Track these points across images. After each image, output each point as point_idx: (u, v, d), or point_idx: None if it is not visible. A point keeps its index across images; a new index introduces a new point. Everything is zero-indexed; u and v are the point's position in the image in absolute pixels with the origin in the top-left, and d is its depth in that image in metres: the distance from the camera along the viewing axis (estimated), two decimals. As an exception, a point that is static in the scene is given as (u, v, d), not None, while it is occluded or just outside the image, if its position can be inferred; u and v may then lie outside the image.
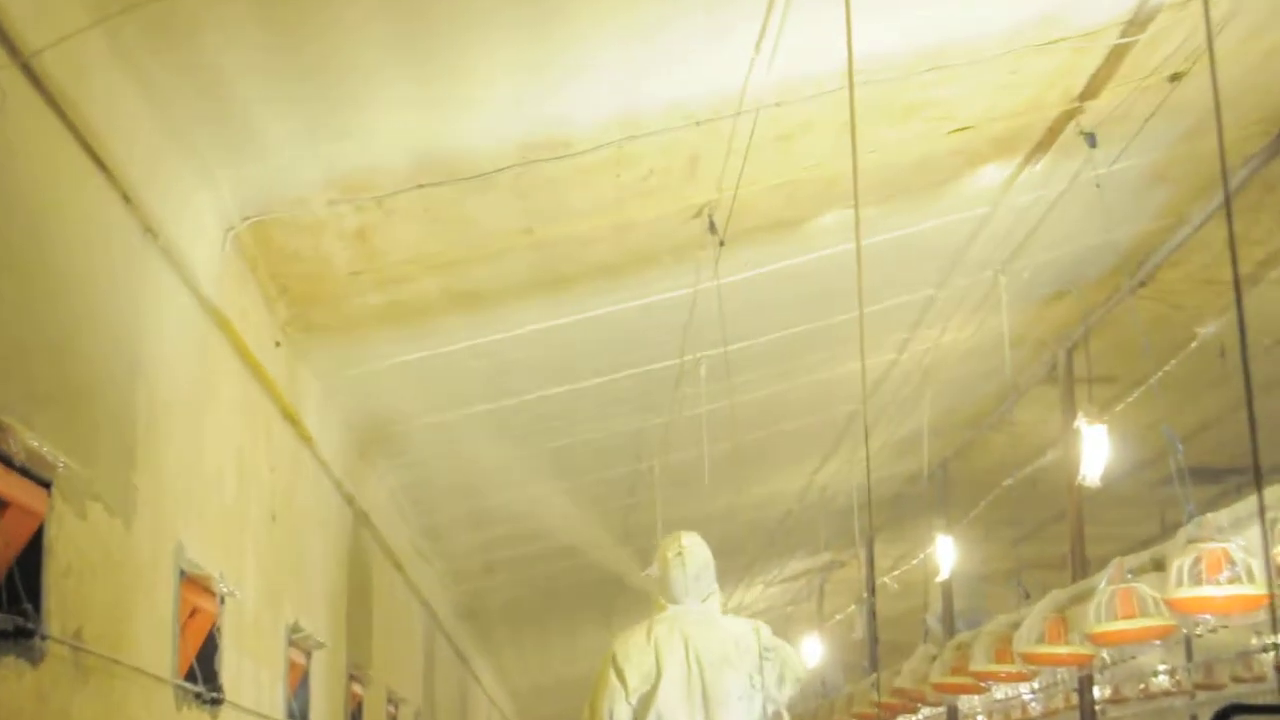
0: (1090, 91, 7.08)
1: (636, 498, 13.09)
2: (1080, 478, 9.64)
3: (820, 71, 6.10)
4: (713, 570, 7.14)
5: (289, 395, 7.55)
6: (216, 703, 6.08)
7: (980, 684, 12.43)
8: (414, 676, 13.43)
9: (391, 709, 11.69)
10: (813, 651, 18.67)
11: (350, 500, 9.55)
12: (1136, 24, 6.46)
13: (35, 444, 4.20)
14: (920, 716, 18.28)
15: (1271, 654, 16.28)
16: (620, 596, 17.53)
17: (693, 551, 7.09)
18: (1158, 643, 9.23)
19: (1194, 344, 10.42)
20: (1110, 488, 9.75)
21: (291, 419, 7.68)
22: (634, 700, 6.79)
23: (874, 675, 18.07)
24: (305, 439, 8.05)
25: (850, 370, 11.23)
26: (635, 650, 6.89)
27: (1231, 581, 7.81)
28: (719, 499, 12.48)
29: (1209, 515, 8.12)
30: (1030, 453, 13.39)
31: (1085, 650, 9.85)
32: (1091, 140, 7.49)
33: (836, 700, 19.10)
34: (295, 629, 7.80)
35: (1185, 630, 9.14)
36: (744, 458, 12.27)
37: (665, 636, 6.88)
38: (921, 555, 15.95)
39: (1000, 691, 21.28)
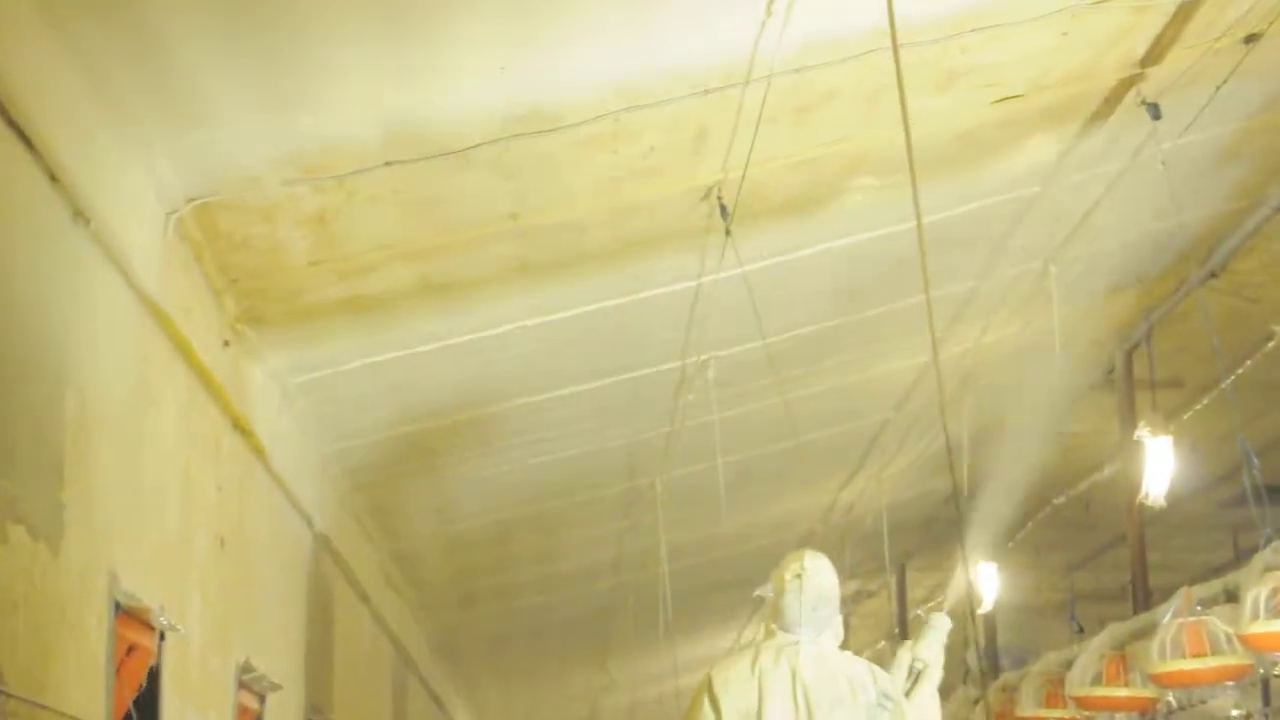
0: (1154, 55, 7.07)
1: (634, 519, 13.09)
2: (1142, 496, 9.64)
3: (844, 33, 6.10)
4: (836, 601, 7.07)
5: (239, 402, 7.53)
6: (156, 754, 6.08)
7: (1028, 731, 12.42)
8: (382, 723, 13.42)
9: (356, 760, 11.68)
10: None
11: (309, 522, 9.54)
12: (1206, -22, 6.47)
13: (-51, 458, 4.19)
14: (959, 769, 18.25)
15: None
16: (616, 632, 17.53)
17: (815, 575, 7.00)
18: (1230, 684, 9.23)
19: (1272, 343, 10.41)
20: (1176, 508, 9.76)
21: (242, 429, 7.67)
22: None
23: (906, 721, 18.05)
24: (258, 452, 8.04)
25: (879, 374, 11.23)
26: (736, 680, 6.87)
27: (1315, 614, 7.82)
28: (729, 520, 12.47)
29: (1289, 539, 8.12)
30: (1085, 468, 13.39)
31: (1147, 693, 9.86)
32: (1155, 111, 7.49)
33: (863, 750, 19.07)
34: (246, 669, 7.78)
35: (1262, 670, 9.14)
36: (757, 473, 12.28)
37: (771, 668, 6.89)
38: (961, 585, 15.92)
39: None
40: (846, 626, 7.30)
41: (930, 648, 7.44)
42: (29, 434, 4.92)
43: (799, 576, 6.97)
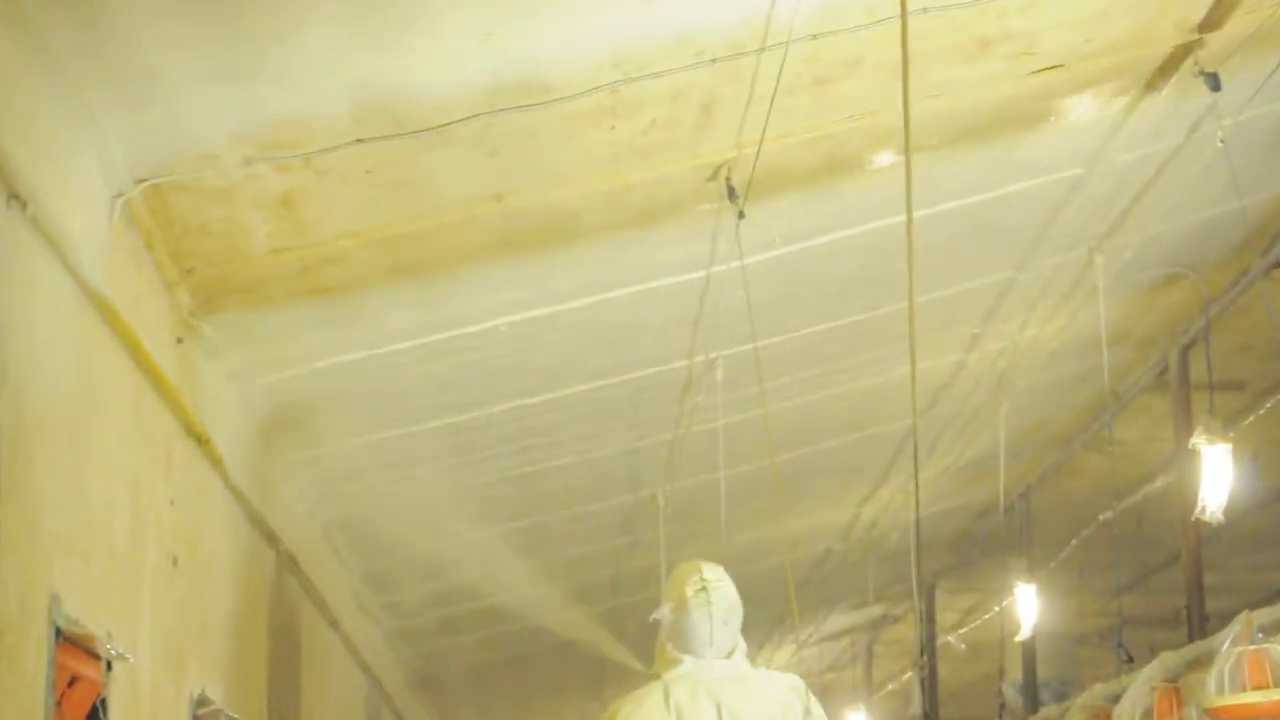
0: (1213, 20, 7.07)
1: (633, 535, 13.09)
2: (1198, 510, 9.62)
3: (867, -4, 6.11)
4: (741, 613, 6.90)
5: (194, 406, 7.53)
6: (102, 797, 6.07)
7: (1071, 772, 12.42)
8: (353, 762, 13.43)
9: (325, 803, 11.69)
10: (859, 731, 18.70)
11: (273, 540, 9.54)
12: (1271, -67, 6.47)
13: None
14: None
15: None
16: (614, 660, 17.53)
17: (719, 588, 6.82)
18: (1296, 720, 9.22)
19: (1343, 340, 10.41)
20: (1236, 524, 9.75)
21: (198, 437, 7.66)
22: None
23: (935, 761, 18.08)
24: (215, 462, 8.03)
25: (905, 375, 11.22)
26: None
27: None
28: (739, 536, 12.46)
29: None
30: (1134, 479, 13.39)
31: (1204, 729, 9.84)
32: (1214, 82, 7.47)
33: (888, 793, 19.15)
34: (202, 701, 7.78)
35: (1331, 705, 9.13)
36: (771, 484, 12.27)
37: (689, 702, 6.74)
38: (996, 609, 15.94)
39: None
40: (869, 654, 7.23)
41: None
42: (-40, 442, 4.91)
43: (704, 589, 6.76)
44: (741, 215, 7.44)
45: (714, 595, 6.78)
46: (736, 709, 6.62)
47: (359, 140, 6.17)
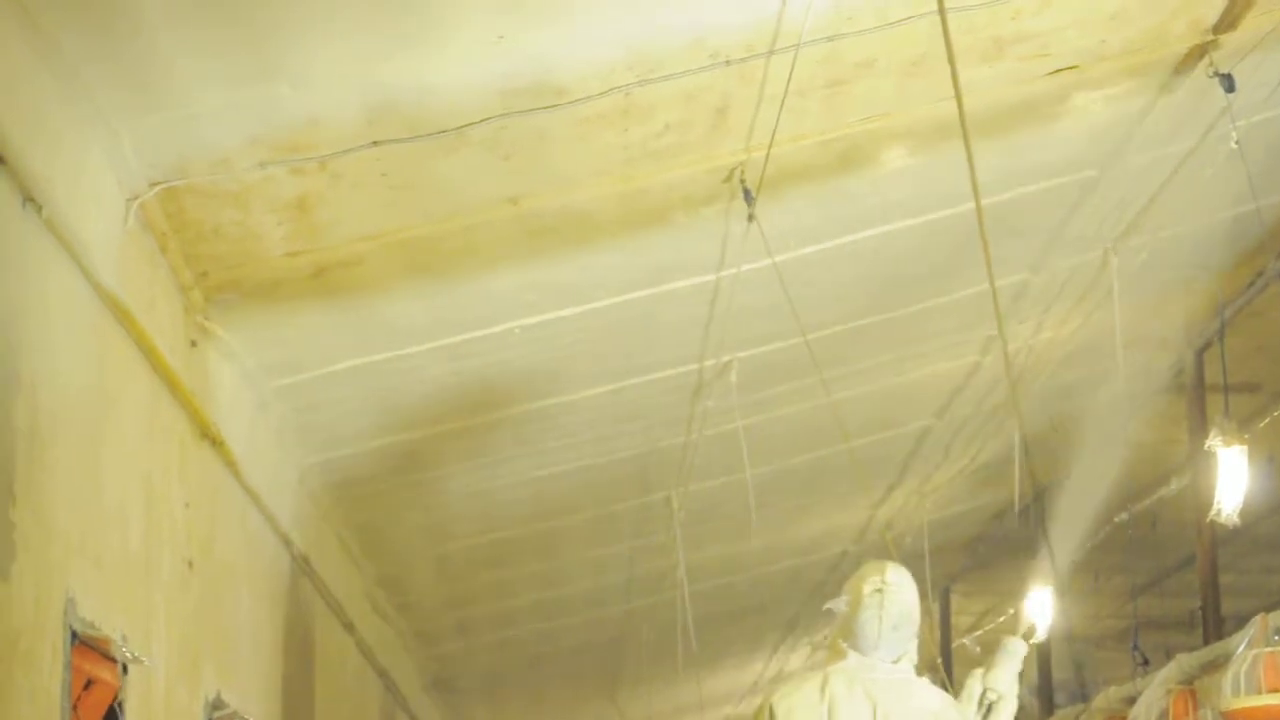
0: (1227, 21, 7.06)
1: (648, 538, 13.08)
2: (1213, 513, 9.61)
3: (881, -3, 6.11)
4: (916, 621, 6.90)
5: (209, 409, 7.53)
6: (117, 800, 6.07)
7: (1086, 775, 12.41)
8: (368, 765, 13.43)
9: (339, 806, 11.69)
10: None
11: (287, 542, 9.55)
12: (1286, -66, 6.46)
13: (-114, 472, 4.19)
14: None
15: None
16: (628, 663, 17.52)
17: (899, 591, 6.82)
18: (1313, 722, 9.21)
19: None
20: (1251, 526, 9.73)
21: (212, 439, 7.67)
22: None
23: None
24: (230, 464, 8.04)
25: (921, 378, 11.22)
26: (803, 708, 6.68)
27: None
28: (754, 539, 12.47)
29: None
30: (1150, 481, 13.36)
31: (1220, 732, 9.83)
32: (1228, 83, 7.46)
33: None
34: (218, 704, 7.78)
35: (1348, 707, 9.11)
36: (786, 487, 12.27)
37: (844, 695, 6.70)
38: (1011, 611, 15.92)
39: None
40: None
41: (1004, 676, 7.31)
42: (-25, 445, 4.92)
43: (880, 591, 6.79)
44: (751, 218, 7.43)
45: (889, 598, 6.79)
46: (891, 711, 6.67)
47: (374, 143, 6.17)
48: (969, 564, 17.12)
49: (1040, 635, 14.13)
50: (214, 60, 5.54)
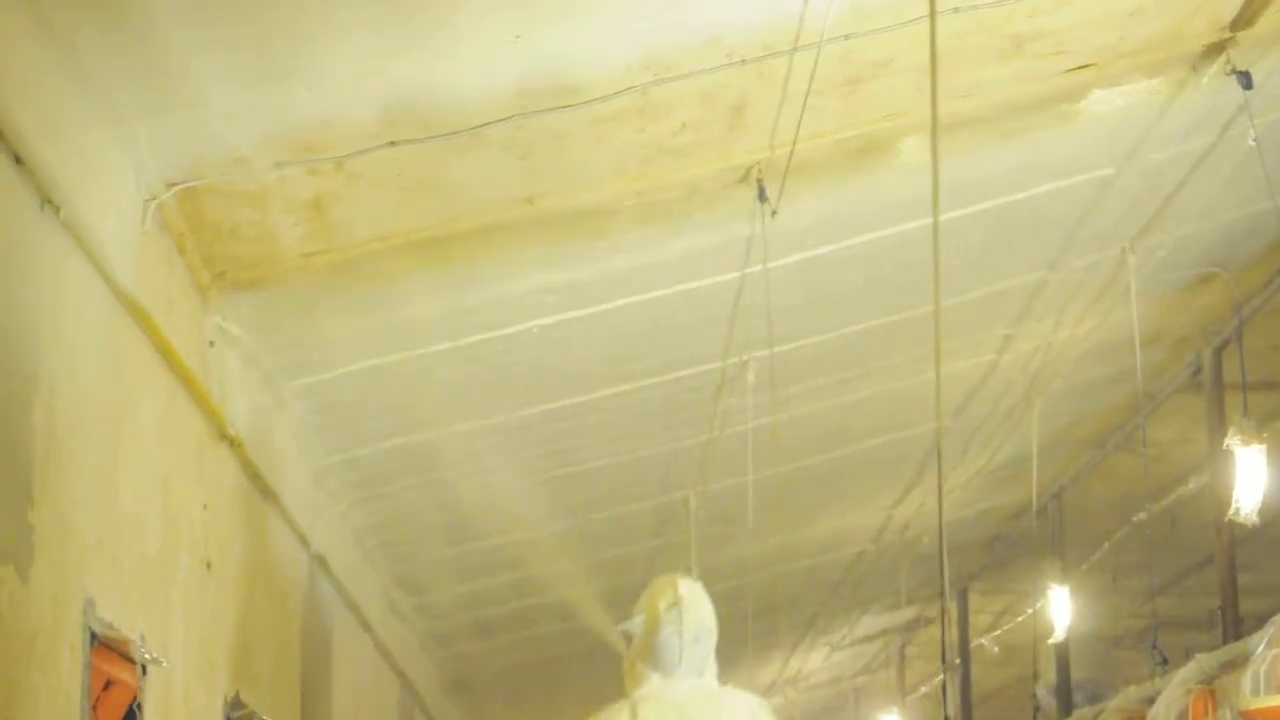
0: (1245, 18, 7.04)
1: (665, 538, 13.07)
2: (1232, 512, 9.59)
3: (901, -6, 6.10)
4: (715, 633, 6.71)
5: (226, 410, 7.54)
6: (136, 800, 6.08)
7: (1105, 774, 12.39)
8: (386, 765, 13.43)
9: (358, 807, 11.69)
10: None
11: (305, 542, 9.55)
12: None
13: (-96, 472, 4.19)
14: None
15: None
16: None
17: (694, 605, 6.65)
18: (1333, 722, 9.18)
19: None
20: (1271, 526, 9.70)
21: (231, 440, 7.67)
22: None
23: (969, 763, 18.03)
24: (247, 465, 8.04)
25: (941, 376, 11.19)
26: None
27: None
28: (771, 539, 12.47)
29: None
30: (1168, 480, 13.32)
31: (1239, 731, 9.80)
32: (1246, 80, 7.44)
33: (922, 796, 19.12)
34: (236, 705, 7.79)
35: (1368, 706, 9.08)
36: (803, 487, 12.26)
37: None
38: (1029, 611, 15.89)
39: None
40: (902, 657, 7.15)
41: None
42: (-7, 446, 4.92)
43: (675, 606, 6.60)
44: (774, 213, 7.42)
45: (686, 613, 6.61)
46: None
47: (390, 143, 6.17)
48: (987, 563, 17.09)
49: (1058, 636, 14.11)
50: (230, 61, 5.54)
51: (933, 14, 4.99)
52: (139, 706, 6.18)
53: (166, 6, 5.14)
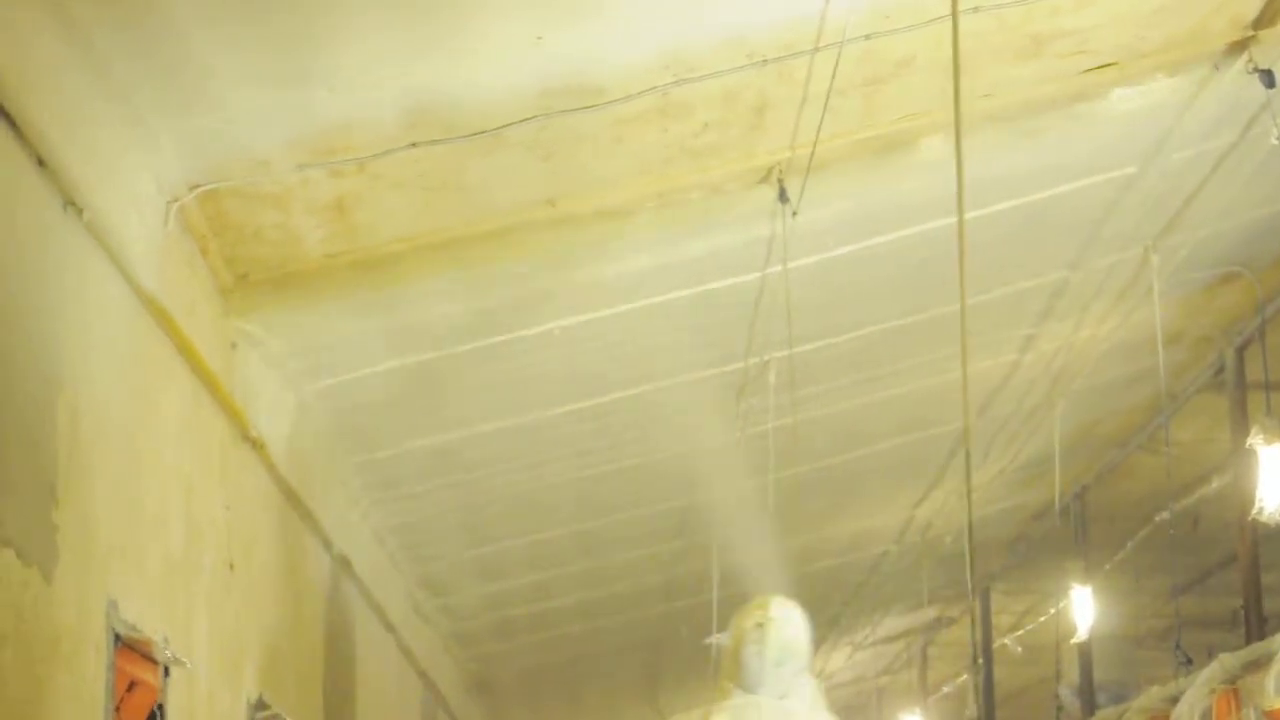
0: (1268, 16, 7.02)
1: (687, 539, 13.07)
2: (1255, 511, 9.56)
3: (922, -6, 6.09)
4: (805, 656, 6.67)
5: (249, 411, 7.55)
6: (160, 801, 6.09)
7: (1129, 775, 12.36)
8: (409, 766, 13.43)
9: (381, 807, 11.70)
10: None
11: (328, 544, 9.56)
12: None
13: (-71, 474, 4.20)
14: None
15: None
16: (668, 664, 17.49)
17: (782, 626, 6.61)
18: (1357, 722, 9.15)
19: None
20: (1295, 524, 9.67)
21: (253, 442, 7.68)
22: None
23: (992, 763, 18.00)
24: (270, 466, 8.05)
25: (959, 376, 11.17)
26: None
27: None
28: (793, 539, 12.43)
29: None
30: (1191, 480, 13.31)
31: (1263, 731, 9.78)
32: (1268, 79, 7.43)
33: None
34: (260, 706, 7.79)
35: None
36: (825, 487, 12.25)
37: None
38: (1052, 611, 15.87)
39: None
40: (925, 657, 7.09)
41: None
42: (18, 448, 4.92)
43: (761, 626, 6.56)
44: (795, 214, 7.41)
45: (769, 635, 6.57)
46: None
47: (412, 145, 6.16)
48: (1010, 563, 17.06)
49: (1081, 636, 14.08)
50: (253, 63, 5.54)
51: (955, 13, 4.97)
52: (162, 708, 6.19)
53: (189, 9, 5.15)
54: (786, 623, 6.63)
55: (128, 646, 5.81)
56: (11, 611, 4.78)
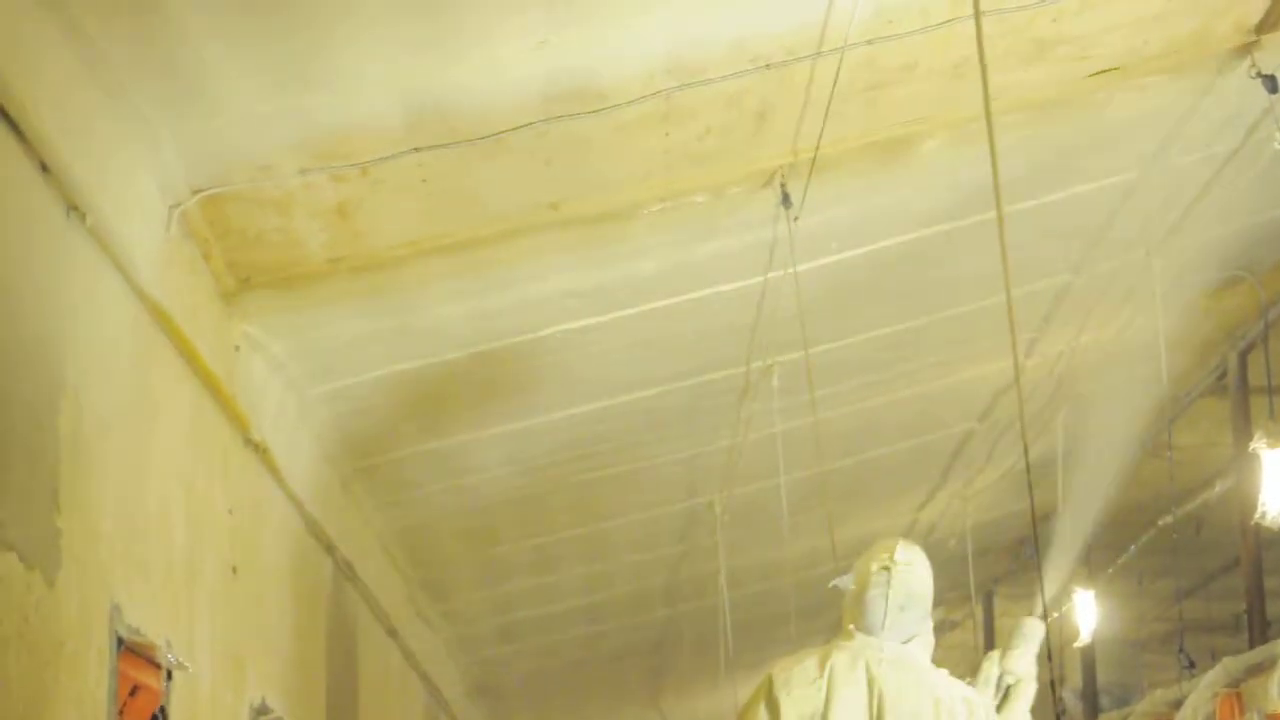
0: (1270, 21, 7.02)
1: (690, 542, 13.06)
2: (1258, 515, 9.57)
3: (924, 1, 6.08)
4: (929, 603, 6.60)
5: (252, 415, 7.55)
6: (163, 805, 6.09)
7: (1132, 778, 12.36)
8: (412, 770, 13.43)
9: (384, 811, 11.70)
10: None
11: (330, 548, 9.56)
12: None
13: (-68, 479, 4.20)
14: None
15: None
16: (672, 668, 17.49)
17: (907, 570, 6.52)
18: (1360, 726, 9.15)
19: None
20: (1298, 528, 9.67)
21: (256, 445, 7.68)
22: None
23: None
24: (273, 470, 8.05)
25: (962, 380, 11.19)
26: (800, 682, 6.40)
27: None
28: (798, 543, 12.45)
29: None
30: (1194, 484, 13.30)
31: (1266, 735, 9.78)
32: (1271, 84, 7.43)
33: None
34: (262, 710, 7.80)
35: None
36: (828, 491, 12.25)
37: (844, 671, 6.43)
38: (1056, 614, 15.85)
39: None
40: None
41: (1023, 658, 7.03)
42: (20, 452, 4.93)
43: (887, 569, 6.49)
44: (796, 218, 7.42)
45: (895, 578, 6.50)
46: (890, 691, 6.33)
47: (415, 149, 6.16)
48: (1013, 567, 17.05)
49: (1085, 639, 14.08)
50: (256, 67, 5.54)
51: (977, 14, 4.96)
52: (165, 711, 6.19)
53: (193, 14, 5.15)
54: (911, 567, 6.57)
55: (130, 650, 5.81)
56: (15, 615, 4.78)
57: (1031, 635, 7.01)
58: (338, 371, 8.18)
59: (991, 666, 6.99)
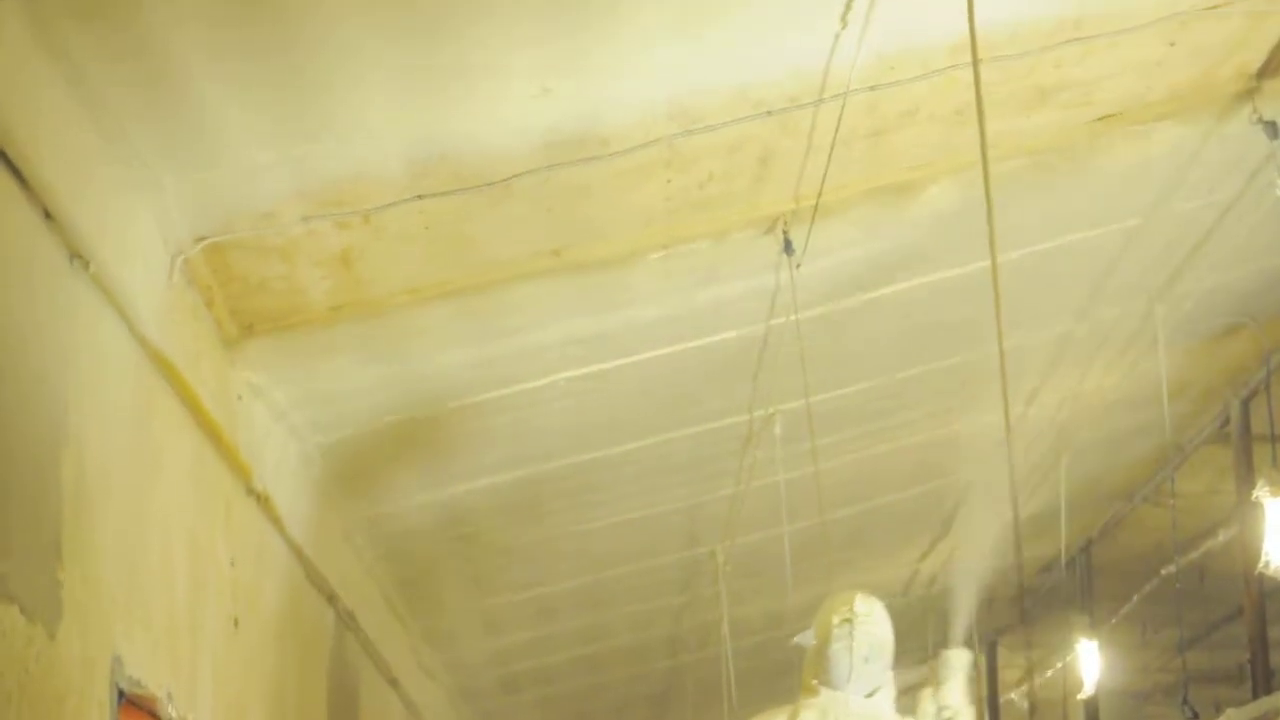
0: (1271, 67, 7.04)
1: (693, 592, 13.03)
2: (1262, 564, 9.54)
3: (926, 47, 6.09)
4: (890, 653, 6.68)
5: (254, 464, 7.53)
6: None
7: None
8: (414, 823, 13.36)
9: None
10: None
11: (332, 598, 9.53)
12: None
13: (-67, 527, 4.18)
14: None
15: None
16: (675, 719, 17.42)
17: (867, 622, 6.61)
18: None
19: None
20: (1302, 577, 9.64)
21: (258, 495, 7.66)
22: None
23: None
24: (275, 520, 8.03)
25: (964, 429, 11.17)
26: None
27: None
28: (800, 593, 12.40)
29: None
30: (1197, 533, 13.28)
31: (1271, 785, 9.74)
32: (1272, 130, 7.45)
33: None
34: (263, 762, 7.76)
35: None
36: (832, 540, 12.22)
37: None
38: (1059, 665, 15.82)
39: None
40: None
41: (955, 690, 7.08)
42: (22, 503, 4.90)
43: (849, 621, 6.58)
44: (798, 266, 7.41)
45: (858, 630, 6.57)
46: None
47: (418, 196, 6.16)
48: (1016, 617, 17.02)
49: (1088, 690, 14.03)
50: (259, 115, 5.54)
51: (975, 61, 4.96)
52: (167, 763, 6.16)
53: (196, 61, 5.15)
54: (873, 618, 6.63)
55: (132, 703, 5.78)
56: (16, 669, 4.75)
57: (958, 665, 7.03)
58: (340, 419, 8.17)
59: (928, 703, 7.01)
